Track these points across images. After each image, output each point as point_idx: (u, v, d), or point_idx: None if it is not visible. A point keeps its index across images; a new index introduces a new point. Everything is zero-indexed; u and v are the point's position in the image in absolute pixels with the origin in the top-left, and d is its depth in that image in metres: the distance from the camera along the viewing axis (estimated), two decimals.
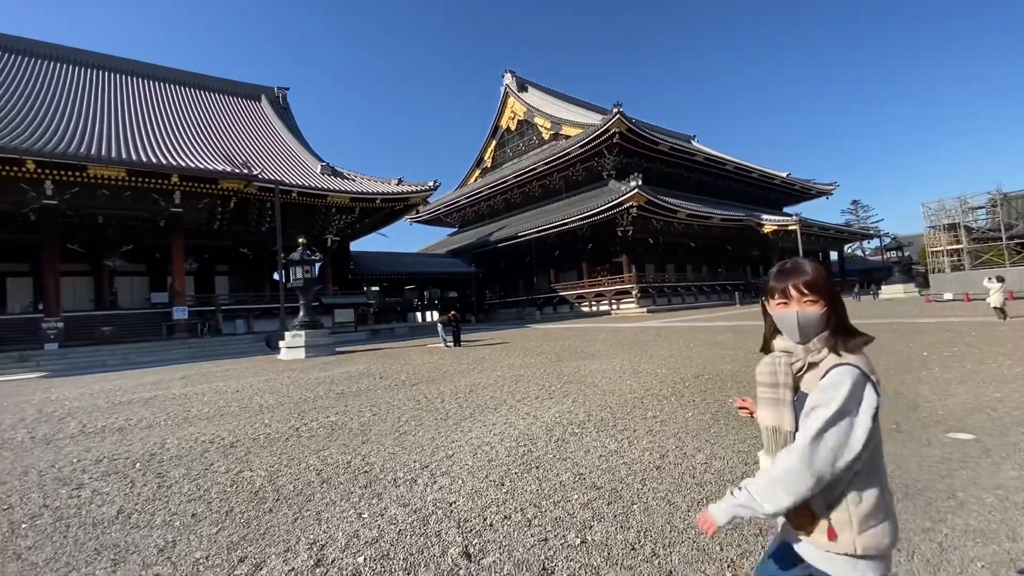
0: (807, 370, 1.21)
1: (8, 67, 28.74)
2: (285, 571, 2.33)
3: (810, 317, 1.19)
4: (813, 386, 1.16)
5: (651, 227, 36.44)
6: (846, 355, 1.16)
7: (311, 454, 4.31)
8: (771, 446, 1.25)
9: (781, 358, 1.27)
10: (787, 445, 1.19)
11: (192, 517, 3.06)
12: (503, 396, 6.57)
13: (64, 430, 6.06)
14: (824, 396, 1.11)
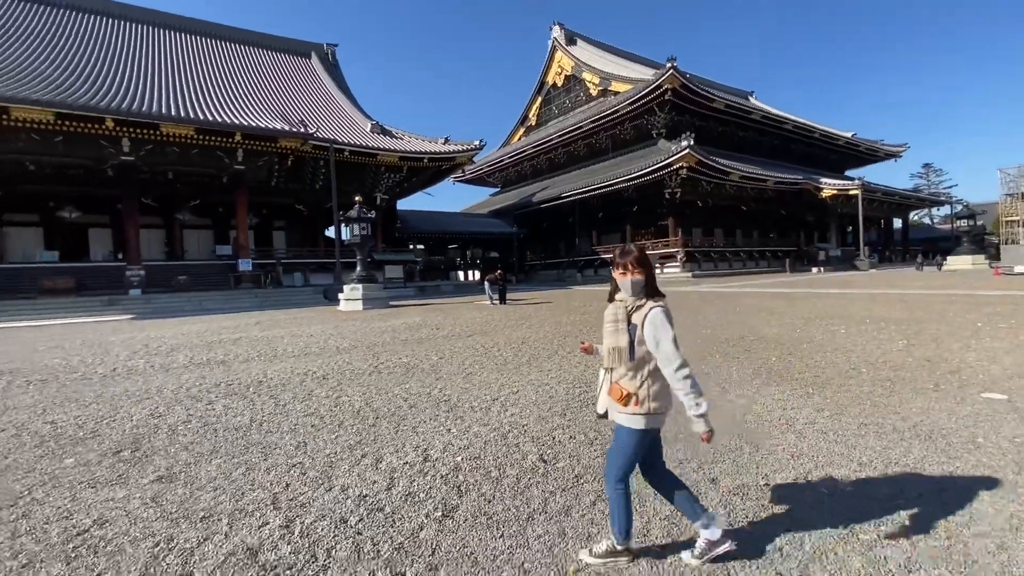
0: (634, 311, 1.91)
1: (78, 25, 30.31)
2: (400, 464, 2.95)
3: (637, 281, 1.92)
4: (639, 318, 1.88)
5: (700, 189, 35.41)
6: (657, 300, 1.92)
7: (394, 386, 4.99)
8: (611, 362, 1.93)
9: (620, 304, 1.97)
10: (622, 357, 1.88)
11: (312, 427, 3.77)
12: (554, 348, 7.10)
13: (175, 362, 7.05)
14: (660, 328, 1.85)
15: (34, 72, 21.90)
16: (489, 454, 3.05)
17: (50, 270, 20.65)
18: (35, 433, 3.87)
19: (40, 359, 7.65)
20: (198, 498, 2.61)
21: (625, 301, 1.96)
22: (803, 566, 1.86)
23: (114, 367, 6.69)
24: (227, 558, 2.04)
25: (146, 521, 2.38)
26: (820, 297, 14.00)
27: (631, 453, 1.93)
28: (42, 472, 3.05)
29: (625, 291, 1.96)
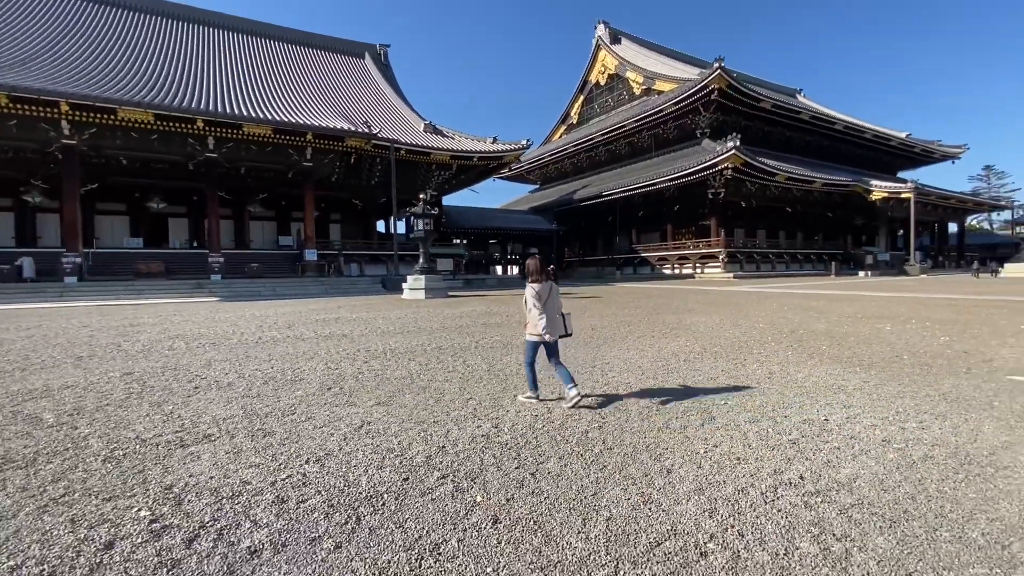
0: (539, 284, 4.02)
1: (156, 30, 32.89)
2: (540, 401, 4.07)
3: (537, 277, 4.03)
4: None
5: (744, 190, 35.44)
6: (533, 284, 4.02)
7: (502, 356, 6.14)
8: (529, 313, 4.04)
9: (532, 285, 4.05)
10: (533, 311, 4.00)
11: (460, 378, 4.93)
12: (622, 335, 8.11)
13: (303, 334, 8.42)
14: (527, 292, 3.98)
15: (114, 74, 24.20)
16: (612, 394, 4.13)
17: (143, 255, 22.95)
18: (251, 377, 5.19)
19: (188, 329, 9.18)
20: (417, 413, 3.79)
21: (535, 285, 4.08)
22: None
23: (258, 337, 8.11)
24: (472, 439, 3.19)
25: (399, 422, 3.56)
26: (867, 300, 14.46)
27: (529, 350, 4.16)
28: (288, 398, 4.31)
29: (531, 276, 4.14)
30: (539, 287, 4.02)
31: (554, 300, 4.13)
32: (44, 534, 2.09)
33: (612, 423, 3.51)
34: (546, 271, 3.98)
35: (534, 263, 4.13)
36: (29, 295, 17.56)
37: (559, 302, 4.22)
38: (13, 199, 25.78)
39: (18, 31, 25.95)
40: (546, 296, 4.05)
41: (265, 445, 3.15)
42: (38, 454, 3.03)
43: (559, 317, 4.15)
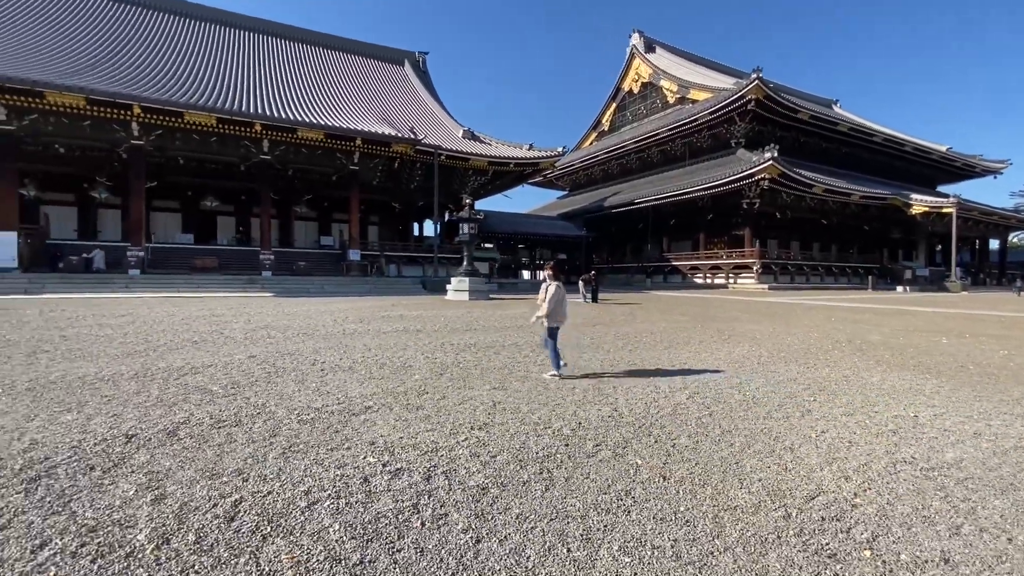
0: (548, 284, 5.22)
1: (211, 37, 34.47)
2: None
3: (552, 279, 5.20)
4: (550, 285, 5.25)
5: (779, 201, 35.26)
6: (552, 280, 5.24)
7: (581, 353, 6.60)
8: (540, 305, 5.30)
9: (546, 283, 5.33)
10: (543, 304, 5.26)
11: (542, 364, 5.41)
12: (682, 339, 8.48)
13: (380, 328, 9.02)
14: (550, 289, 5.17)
15: (175, 79, 25.55)
16: (695, 390, 4.56)
17: (198, 251, 24.15)
18: (365, 363, 5.76)
19: (269, 320, 9.90)
20: (535, 396, 4.28)
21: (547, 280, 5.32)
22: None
23: (341, 329, 8.74)
24: (600, 419, 3.66)
25: (526, 403, 4.06)
26: (913, 314, 14.48)
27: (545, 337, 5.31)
28: (410, 381, 4.85)
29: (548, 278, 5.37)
30: (555, 285, 5.31)
31: (561, 296, 5.31)
32: (304, 471, 2.64)
33: (719, 412, 3.93)
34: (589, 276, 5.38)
35: (552, 267, 5.69)
36: (98, 285, 18.72)
37: (564, 298, 5.36)
38: (77, 194, 27.37)
39: (83, 38, 27.59)
40: (556, 294, 5.27)
41: (423, 416, 3.68)
42: (239, 416, 3.61)
43: (564, 309, 5.35)
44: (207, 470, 2.64)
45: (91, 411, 3.73)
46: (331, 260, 27.52)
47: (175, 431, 3.27)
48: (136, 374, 5.03)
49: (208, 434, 3.22)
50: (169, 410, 3.77)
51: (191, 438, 3.15)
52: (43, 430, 3.28)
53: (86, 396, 4.17)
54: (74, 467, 2.66)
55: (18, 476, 2.52)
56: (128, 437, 3.14)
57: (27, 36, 24.57)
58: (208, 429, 3.33)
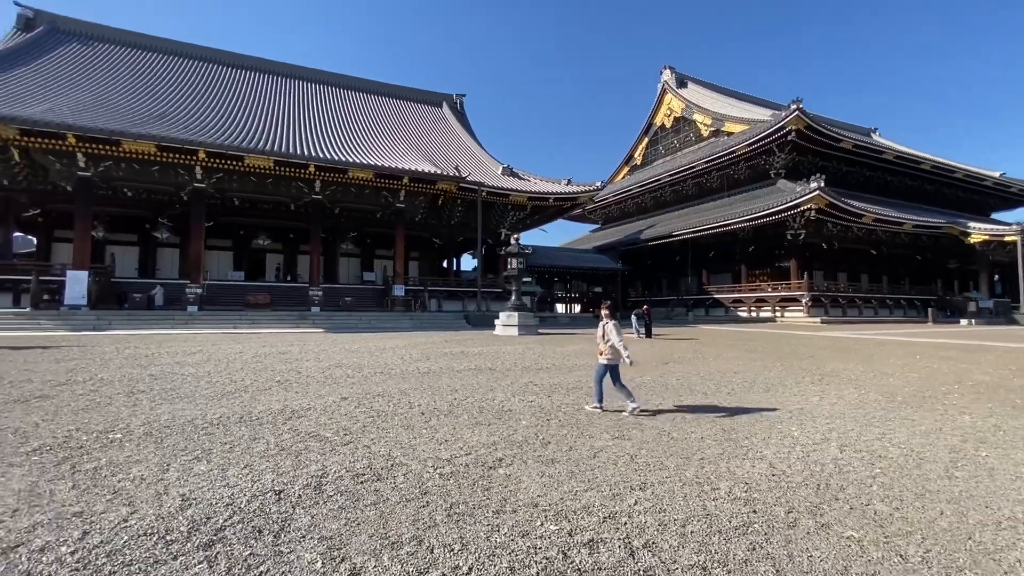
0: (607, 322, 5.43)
1: (265, 85, 36.54)
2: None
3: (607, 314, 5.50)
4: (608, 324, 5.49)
5: (826, 231, 34.26)
6: (609, 319, 5.42)
7: (679, 395, 6.24)
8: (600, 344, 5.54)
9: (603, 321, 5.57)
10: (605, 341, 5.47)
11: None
12: (774, 379, 8.00)
13: (453, 367, 8.86)
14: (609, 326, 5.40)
15: (234, 125, 26.94)
16: (810, 427, 4.16)
17: (251, 287, 24.87)
18: (464, 406, 5.56)
19: (337, 358, 9.88)
20: (654, 442, 3.96)
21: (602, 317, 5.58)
22: None
23: (415, 368, 8.62)
24: (765, 475, 3.32)
25: (669, 457, 3.75)
26: (1001, 351, 13.48)
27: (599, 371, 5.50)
28: (524, 430, 4.61)
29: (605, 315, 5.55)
30: (611, 324, 5.47)
31: (618, 334, 5.44)
32: (489, 540, 2.41)
33: (888, 469, 3.54)
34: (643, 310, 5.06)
35: (607, 306, 5.72)
36: (160, 321, 19.36)
37: (620, 335, 5.46)
38: (139, 235, 28.81)
39: (152, 92, 29.58)
40: (613, 331, 5.42)
41: (568, 472, 3.42)
42: (374, 469, 3.44)
43: (621, 348, 5.40)
44: (381, 535, 2.44)
45: (220, 460, 3.62)
46: (375, 295, 27.90)
47: (319, 487, 3.10)
48: (241, 418, 4.95)
49: (355, 490, 3.04)
50: (298, 461, 3.63)
51: (340, 495, 2.97)
52: (184, 483, 3.16)
53: (205, 443, 4.08)
54: (241, 530, 2.50)
55: (191, 541, 2.38)
56: (276, 493, 2.98)
57: (101, 92, 26.51)
58: (352, 484, 3.15)
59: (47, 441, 4.09)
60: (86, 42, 32.59)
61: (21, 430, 4.44)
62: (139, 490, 3.04)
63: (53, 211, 25.91)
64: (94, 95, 24.95)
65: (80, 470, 3.42)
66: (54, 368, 8.19)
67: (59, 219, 26.52)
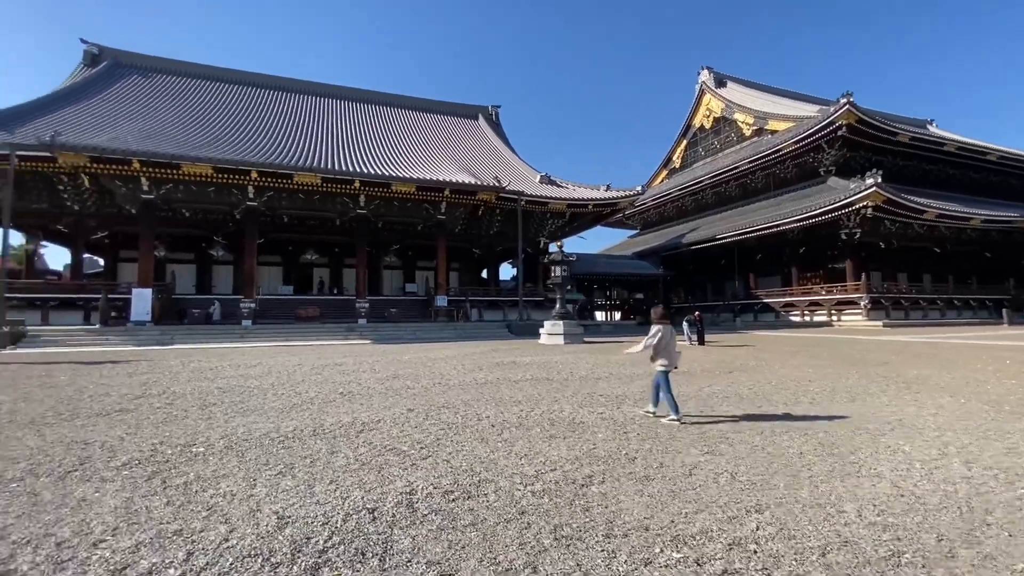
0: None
1: (311, 106, 37.90)
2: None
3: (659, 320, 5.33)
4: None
5: (883, 230, 32.46)
6: (658, 324, 5.27)
7: (757, 405, 5.86)
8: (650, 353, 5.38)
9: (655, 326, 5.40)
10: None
11: (709, 419, 4.74)
12: (855, 388, 7.46)
13: (510, 377, 8.71)
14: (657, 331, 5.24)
15: (284, 146, 27.94)
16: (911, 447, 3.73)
17: (301, 301, 25.64)
18: (538, 420, 5.39)
19: (394, 370, 9.91)
20: (749, 458, 3.65)
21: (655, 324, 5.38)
22: None
23: (472, 379, 8.53)
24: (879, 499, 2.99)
25: (778, 476, 3.45)
26: None
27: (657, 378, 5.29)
28: (608, 444, 4.39)
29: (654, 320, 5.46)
30: (663, 328, 5.33)
31: (672, 339, 5.36)
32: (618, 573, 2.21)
33: None
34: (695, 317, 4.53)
35: (659, 310, 5.56)
36: (218, 335, 20.11)
37: (675, 342, 5.40)
38: (196, 253, 30.25)
39: (204, 117, 31.12)
40: (668, 336, 5.31)
41: (668, 491, 3.19)
42: (462, 485, 3.30)
43: (676, 354, 5.37)
44: (491, 560, 2.29)
45: (304, 476, 3.57)
46: (418, 306, 28.21)
47: (411, 505, 2.98)
48: (315, 431, 4.94)
49: (449, 509, 2.91)
50: (382, 476, 3.54)
51: (435, 514, 2.84)
52: (274, 499, 3.11)
53: (285, 457, 4.06)
54: (344, 552, 2.40)
55: (297, 564, 2.29)
56: (370, 511, 2.88)
57: (161, 119, 28.11)
58: (443, 502, 3.02)
59: (134, 455, 4.16)
60: (145, 74, 34.73)
61: (108, 444, 4.55)
62: (232, 507, 3.01)
63: (119, 233, 27.57)
64: (154, 122, 26.46)
65: (171, 485, 3.43)
66: (128, 382, 8.53)
67: (123, 240, 28.18)
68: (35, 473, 3.69)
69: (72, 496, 3.22)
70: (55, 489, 3.36)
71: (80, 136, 21.38)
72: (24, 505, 3.07)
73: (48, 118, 24.29)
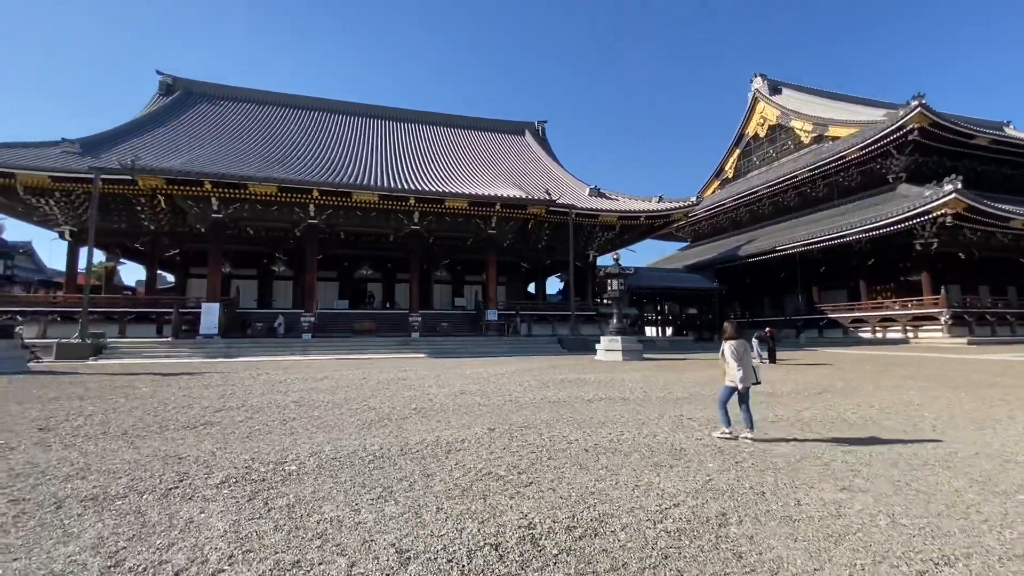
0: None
1: (364, 127, 39.24)
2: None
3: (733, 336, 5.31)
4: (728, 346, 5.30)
5: (961, 239, 30.02)
6: (730, 342, 5.23)
7: (856, 430, 5.26)
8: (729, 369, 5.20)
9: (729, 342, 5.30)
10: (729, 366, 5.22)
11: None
12: (972, 414, 6.66)
13: (582, 395, 8.36)
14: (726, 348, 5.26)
15: (341, 165, 28.88)
16: None
17: (357, 315, 26.24)
18: (634, 443, 5.03)
19: (459, 385, 9.76)
20: (891, 488, 3.16)
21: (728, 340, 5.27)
22: None
23: (541, 396, 8.26)
24: None
25: (929, 515, 2.97)
26: None
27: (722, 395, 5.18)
28: (714, 464, 3.98)
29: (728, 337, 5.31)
30: (736, 344, 5.21)
31: (747, 355, 5.21)
32: None
33: None
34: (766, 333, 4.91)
35: (732, 325, 5.46)
36: (280, 348, 20.78)
37: (750, 356, 5.26)
38: (257, 269, 31.63)
39: (269, 139, 32.71)
40: (742, 352, 5.19)
41: (822, 535, 2.77)
42: (582, 520, 3.01)
43: (752, 369, 5.16)
44: None
45: (406, 501, 3.38)
46: (468, 320, 28.26)
47: (536, 541, 2.71)
48: (402, 450, 4.78)
49: (580, 549, 2.62)
50: (489, 505, 3.29)
51: (567, 554, 2.56)
52: (384, 528, 2.92)
53: (380, 479, 3.90)
54: None
55: None
56: (493, 547, 2.63)
57: (228, 143, 29.79)
58: (570, 540, 2.73)
59: (230, 472, 4.11)
60: (213, 101, 37.03)
61: (201, 459, 4.55)
62: (343, 535, 2.83)
63: (189, 250, 29.20)
64: (223, 146, 28.05)
65: (274, 507, 3.31)
66: (207, 394, 8.76)
67: (193, 257, 29.83)
68: (137, 490, 3.67)
69: (179, 517, 3.15)
70: (160, 508, 3.30)
71: (157, 160, 22.87)
72: (133, 526, 3.01)
73: (129, 143, 26.19)
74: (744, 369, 5.06)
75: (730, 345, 5.20)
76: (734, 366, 5.10)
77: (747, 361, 5.14)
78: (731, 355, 5.15)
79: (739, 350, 5.17)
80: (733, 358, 5.13)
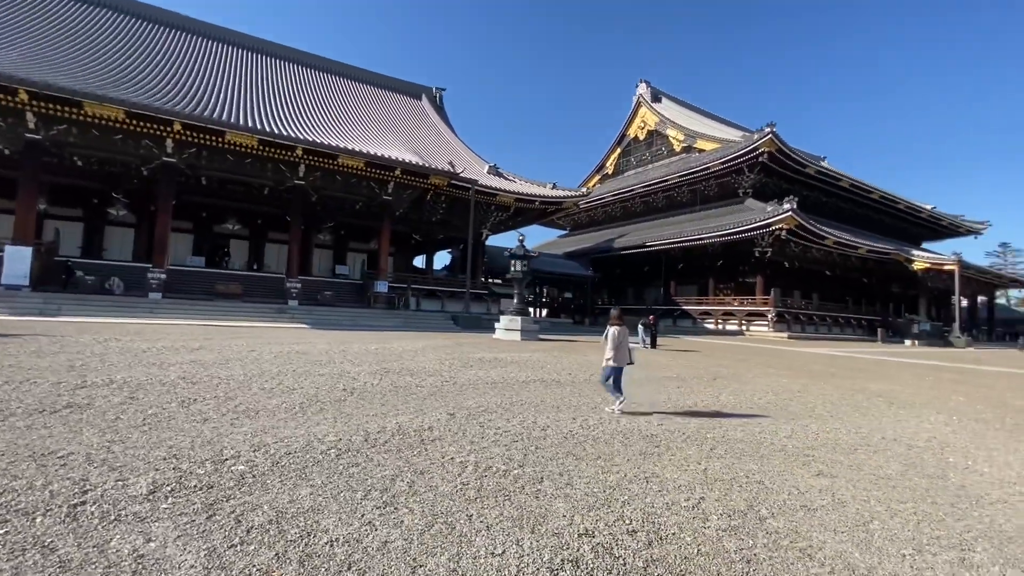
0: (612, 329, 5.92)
1: (239, 60, 33.93)
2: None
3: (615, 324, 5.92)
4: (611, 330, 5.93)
5: (788, 251, 35.99)
6: (614, 327, 5.87)
7: (785, 416, 5.94)
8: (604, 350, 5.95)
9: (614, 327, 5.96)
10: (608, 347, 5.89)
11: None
12: (838, 402, 7.91)
13: (516, 378, 8.20)
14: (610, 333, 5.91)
15: (216, 99, 24.75)
16: None
17: (220, 276, 22.83)
18: (629, 438, 4.97)
19: (384, 364, 8.95)
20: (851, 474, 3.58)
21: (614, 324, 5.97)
22: None
23: (475, 376, 7.90)
24: None
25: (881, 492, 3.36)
26: (971, 372, 14.33)
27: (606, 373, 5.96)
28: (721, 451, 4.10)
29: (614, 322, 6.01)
30: (619, 329, 5.94)
31: (626, 339, 6.01)
32: None
33: None
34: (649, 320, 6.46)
35: (618, 312, 6.14)
36: (120, 309, 17.27)
37: (627, 341, 6.04)
38: (85, 210, 25.86)
39: (109, 52, 26.42)
40: (622, 337, 5.94)
41: (854, 523, 2.94)
42: (616, 535, 2.82)
43: (628, 352, 5.98)
44: None
45: (421, 508, 2.86)
46: (354, 290, 26.41)
47: (611, 551, 2.45)
48: (367, 441, 4.12)
49: (658, 558, 2.42)
50: (522, 510, 2.93)
51: (580, 570, 2.34)
52: (429, 550, 2.41)
53: (367, 479, 3.28)
54: None
55: None
56: (574, 563, 2.30)
57: (61, 46, 23.53)
58: (639, 546, 2.51)
59: (155, 477, 3.14)
60: None
61: (97, 458, 3.43)
62: (383, 564, 2.27)
63: None
64: (52, 47, 22.10)
65: (253, 526, 2.57)
66: (44, 364, 6.83)
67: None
68: (25, 512, 2.58)
69: (114, 551, 2.25)
70: (75, 539, 2.33)
71: None
72: (46, 573, 2.08)
73: None
74: (620, 351, 5.83)
75: (614, 330, 5.87)
76: (611, 347, 5.80)
77: (625, 345, 5.91)
78: (611, 338, 5.84)
79: (620, 336, 5.87)
80: (613, 341, 5.81)
